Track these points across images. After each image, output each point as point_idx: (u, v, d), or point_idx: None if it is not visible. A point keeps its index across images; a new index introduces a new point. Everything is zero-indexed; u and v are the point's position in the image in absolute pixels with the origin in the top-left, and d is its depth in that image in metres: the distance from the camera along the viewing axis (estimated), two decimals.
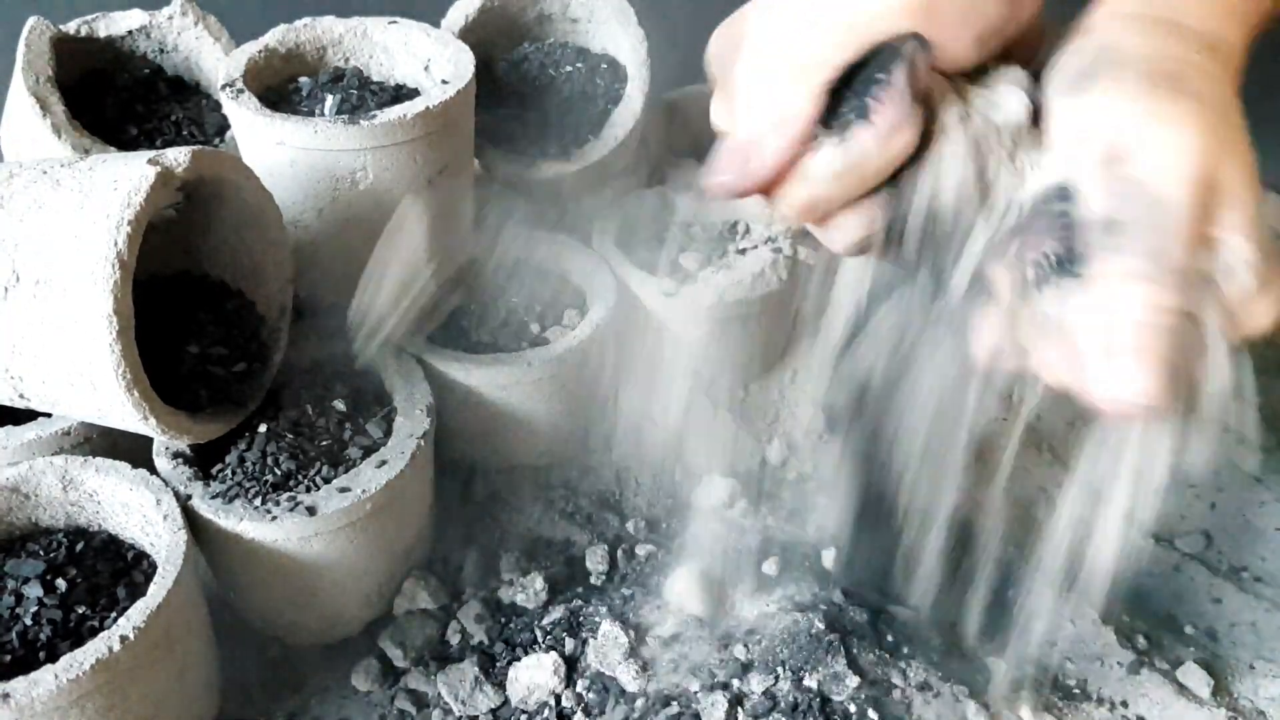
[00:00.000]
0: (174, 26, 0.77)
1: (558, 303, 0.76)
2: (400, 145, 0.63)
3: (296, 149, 0.62)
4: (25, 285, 0.50)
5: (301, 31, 0.70)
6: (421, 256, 0.66)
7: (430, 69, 0.70)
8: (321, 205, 0.65)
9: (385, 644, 0.64)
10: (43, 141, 0.68)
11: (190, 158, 0.53)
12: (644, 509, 0.74)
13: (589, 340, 0.71)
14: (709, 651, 0.59)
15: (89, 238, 0.49)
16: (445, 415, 0.69)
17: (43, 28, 0.71)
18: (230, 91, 0.64)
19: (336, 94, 0.67)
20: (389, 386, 0.67)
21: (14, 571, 0.55)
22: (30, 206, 0.51)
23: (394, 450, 0.61)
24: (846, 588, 0.62)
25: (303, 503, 0.58)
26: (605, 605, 0.63)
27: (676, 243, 0.81)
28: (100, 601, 0.55)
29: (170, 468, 0.59)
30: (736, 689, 0.57)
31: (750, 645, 0.59)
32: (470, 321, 0.74)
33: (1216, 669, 0.61)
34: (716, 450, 0.76)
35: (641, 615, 0.63)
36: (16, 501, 0.58)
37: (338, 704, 0.62)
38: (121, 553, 0.58)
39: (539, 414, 0.72)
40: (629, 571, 0.68)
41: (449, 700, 0.60)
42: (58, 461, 0.58)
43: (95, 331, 0.49)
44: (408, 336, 0.70)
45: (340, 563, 0.61)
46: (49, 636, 0.52)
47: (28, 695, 0.46)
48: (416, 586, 0.66)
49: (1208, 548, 0.70)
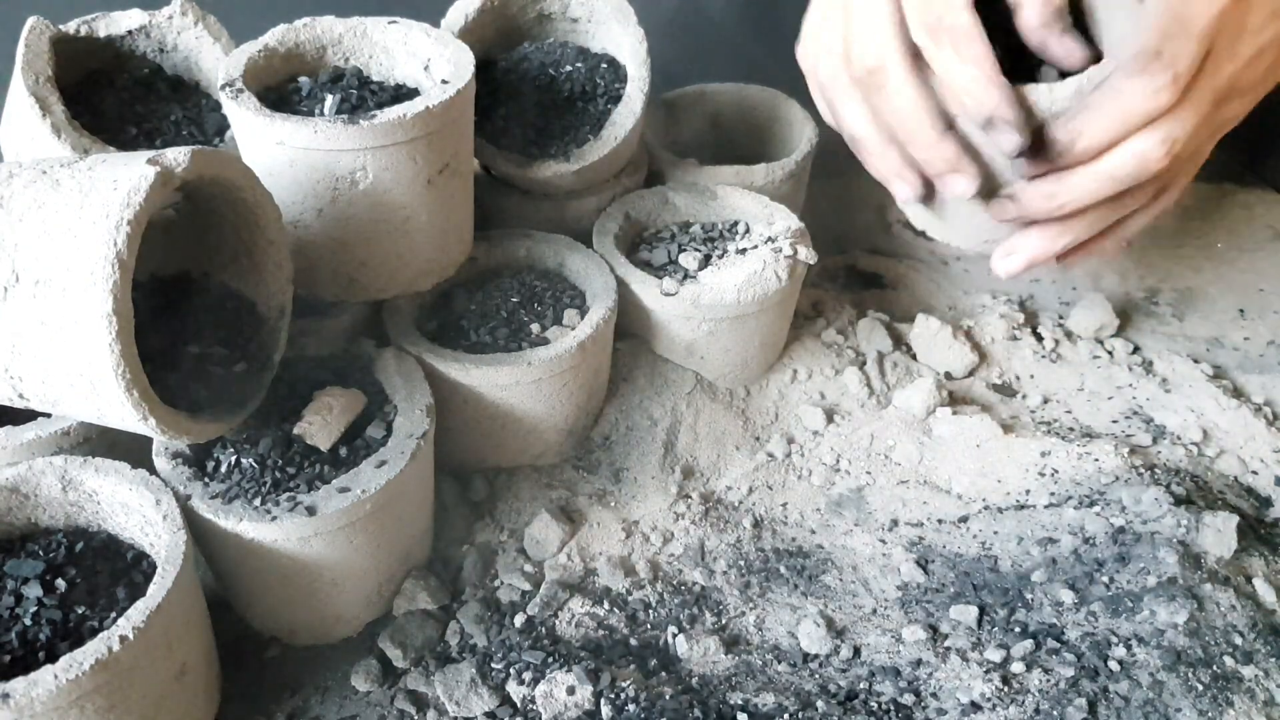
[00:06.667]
0: (174, 26, 0.77)
1: (558, 303, 0.76)
2: (400, 145, 0.63)
3: (296, 149, 0.62)
4: (25, 285, 0.50)
5: (301, 31, 0.70)
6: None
7: (430, 69, 0.70)
8: (321, 205, 0.65)
9: (385, 644, 0.64)
10: (42, 141, 0.68)
11: (190, 158, 0.53)
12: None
13: (589, 340, 0.71)
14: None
15: (89, 238, 0.49)
16: (445, 415, 0.69)
17: (42, 28, 0.71)
18: (230, 91, 0.64)
19: (336, 94, 0.67)
20: (389, 386, 0.67)
21: (14, 571, 0.55)
22: (30, 206, 0.51)
23: (394, 450, 0.61)
24: None
25: (302, 503, 0.58)
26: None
27: (677, 242, 0.81)
28: (100, 601, 0.55)
29: (170, 468, 0.59)
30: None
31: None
32: (470, 321, 0.74)
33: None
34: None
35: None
36: (16, 501, 0.58)
37: (338, 704, 0.62)
38: (121, 553, 0.58)
39: (539, 414, 0.72)
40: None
41: (445, 701, 0.60)
42: (57, 461, 0.58)
43: (95, 331, 0.49)
44: (408, 336, 0.70)
45: (340, 563, 0.61)
46: (49, 636, 0.52)
47: (27, 695, 0.46)
48: (416, 586, 0.66)
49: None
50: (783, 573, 0.69)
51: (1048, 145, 0.57)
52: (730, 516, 0.73)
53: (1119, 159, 0.56)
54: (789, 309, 0.82)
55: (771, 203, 0.83)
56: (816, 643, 0.63)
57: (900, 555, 0.70)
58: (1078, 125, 0.56)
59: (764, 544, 0.71)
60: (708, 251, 0.80)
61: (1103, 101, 0.55)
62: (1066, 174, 0.58)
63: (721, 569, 0.69)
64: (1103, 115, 0.55)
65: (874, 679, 0.61)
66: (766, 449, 0.78)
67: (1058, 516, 0.70)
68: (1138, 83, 0.53)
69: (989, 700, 0.58)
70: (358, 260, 0.68)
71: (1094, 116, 0.55)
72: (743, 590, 0.68)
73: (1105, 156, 0.56)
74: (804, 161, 0.90)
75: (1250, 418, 0.79)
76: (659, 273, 0.78)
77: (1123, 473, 0.72)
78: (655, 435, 0.77)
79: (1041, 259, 0.63)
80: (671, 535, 0.71)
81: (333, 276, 0.69)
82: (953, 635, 0.63)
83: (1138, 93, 0.54)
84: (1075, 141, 0.56)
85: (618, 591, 0.67)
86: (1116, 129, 0.55)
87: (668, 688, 0.59)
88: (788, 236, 0.78)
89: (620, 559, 0.69)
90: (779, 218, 0.82)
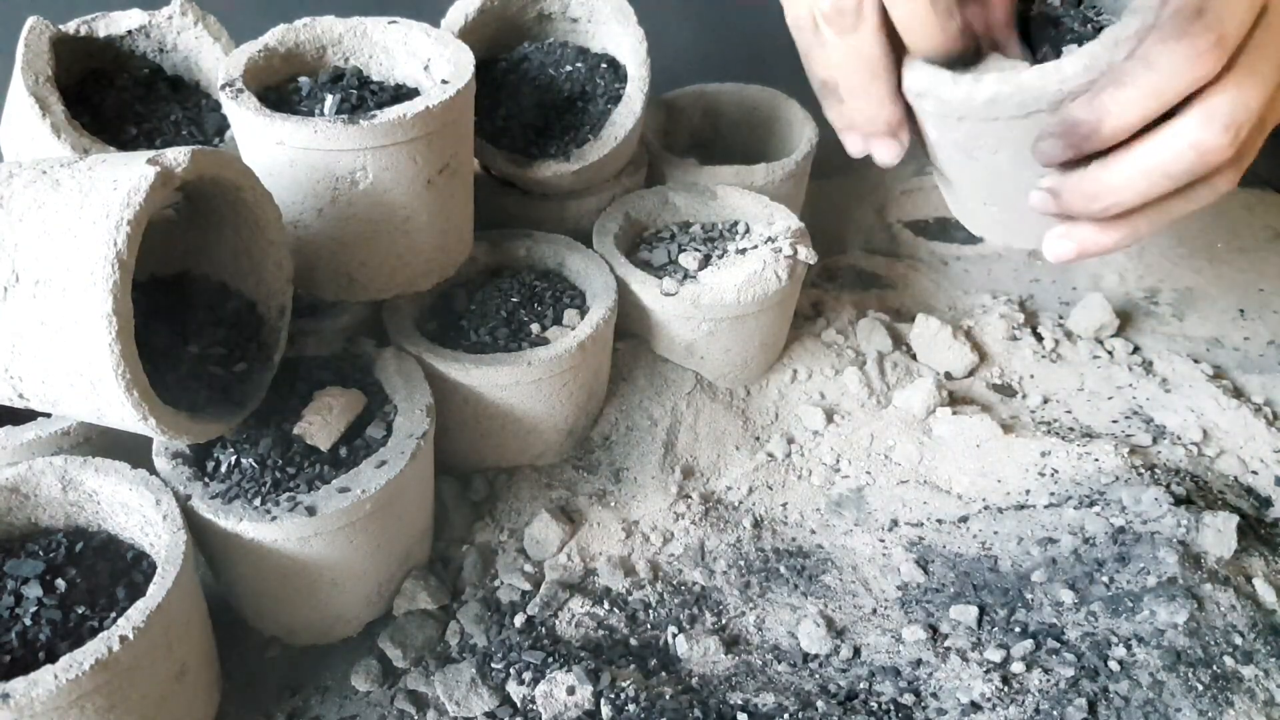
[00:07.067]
0: (174, 26, 0.77)
1: (558, 303, 0.76)
2: (400, 145, 0.63)
3: (296, 149, 0.62)
4: (25, 285, 0.50)
5: (301, 31, 0.70)
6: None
7: (430, 69, 0.70)
8: (321, 205, 0.65)
9: (385, 644, 0.64)
10: (42, 141, 0.68)
11: (190, 157, 0.53)
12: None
13: (589, 340, 0.71)
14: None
15: (89, 238, 0.49)
16: (445, 415, 0.69)
17: (42, 27, 0.71)
18: (230, 91, 0.64)
19: (336, 94, 0.67)
20: (389, 386, 0.67)
21: (14, 571, 0.55)
22: (30, 206, 0.51)
23: (394, 450, 0.61)
24: None
25: (302, 503, 0.58)
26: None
27: (677, 242, 0.81)
28: (100, 601, 0.55)
29: (170, 468, 0.59)
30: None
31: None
32: (470, 321, 0.74)
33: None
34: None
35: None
36: (16, 501, 0.58)
37: (338, 704, 0.62)
38: (121, 553, 0.58)
39: (539, 414, 0.72)
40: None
41: (445, 701, 0.60)
42: (57, 461, 0.58)
43: (95, 331, 0.49)
44: (408, 336, 0.70)
45: (340, 563, 0.61)
46: (49, 637, 0.52)
47: (27, 695, 0.46)
48: (416, 586, 0.66)
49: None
50: (783, 573, 0.69)
51: (1069, 128, 0.49)
52: (730, 516, 0.73)
53: (1172, 151, 0.47)
54: (789, 309, 0.82)
55: (771, 203, 0.83)
56: (816, 643, 0.63)
57: (900, 555, 0.70)
58: (1104, 103, 0.47)
59: (764, 544, 0.71)
60: (708, 251, 0.80)
61: (1133, 73, 0.46)
62: (1108, 170, 0.49)
63: (721, 569, 0.69)
64: (1133, 89, 0.46)
65: (874, 679, 0.61)
66: (766, 449, 0.78)
67: (1058, 516, 0.70)
68: (1176, 48, 0.45)
69: (989, 700, 0.58)
70: (358, 260, 0.68)
71: (1123, 92, 0.47)
72: (743, 590, 0.68)
73: (1154, 147, 0.48)
74: (804, 161, 0.90)
75: (1250, 418, 0.79)
76: (659, 273, 0.78)
77: (1123, 473, 0.72)
78: (655, 435, 0.77)
79: (1097, 253, 0.54)
80: (671, 535, 0.71)
81: (333, 276, 0.69)
82: (953, 635, 0.63)
83: (1176, 60, 0.45)
84: (1102, 122, 0.48)
85: (618, 591, 0.67)
86: (1151, 105, 0.46)
87: (668, 688, 0.59)
88: (788, 236, 0.78)
89: (620, 559, 0.69)
90: (779, 218, 0.82)
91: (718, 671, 0.62)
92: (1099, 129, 0.48)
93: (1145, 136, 0.48)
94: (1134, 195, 0.50)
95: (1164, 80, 0.46)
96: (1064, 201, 0.52)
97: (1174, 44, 0.45)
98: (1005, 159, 0.55)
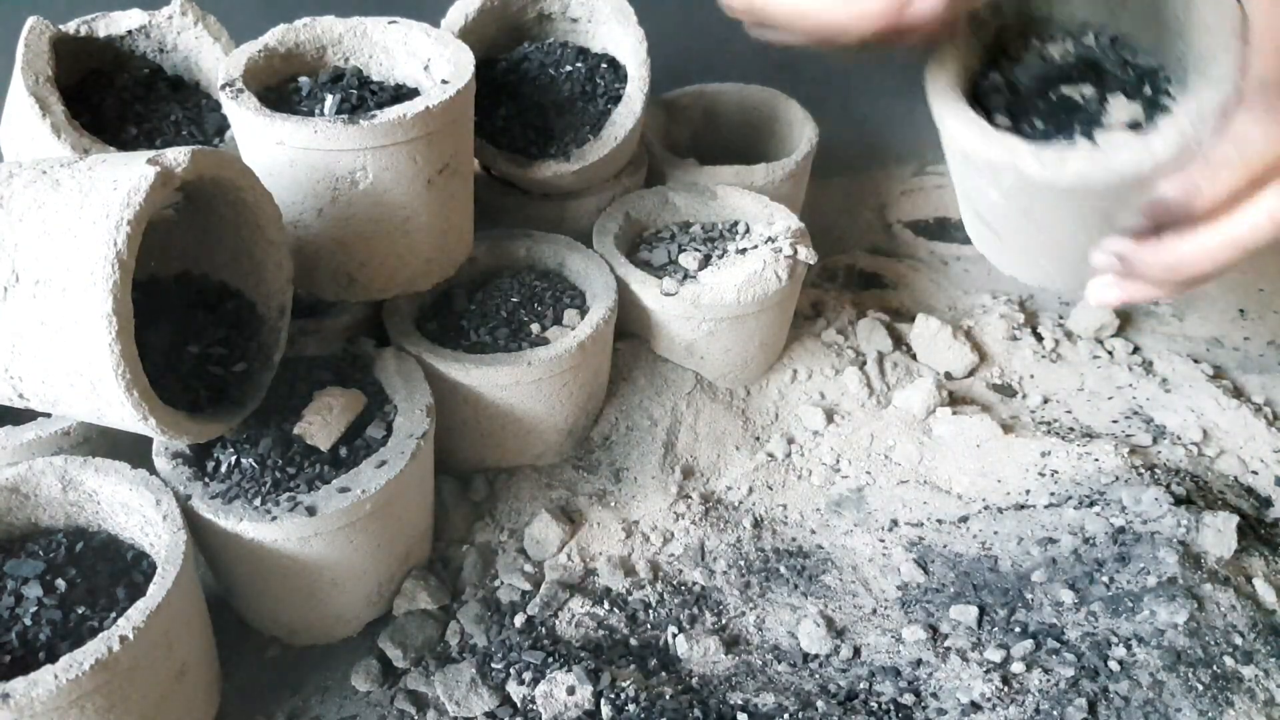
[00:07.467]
0: (174, 26, 0.77)
1: (558, 303, 0.76)
2: (400, 145, 0.63)
3: (296, 149, 0.62)
4: (25, 285, 0.50)
5: (301, 31, 0.70)
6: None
7: (430, 69, 0.70)
8: (321, 205, 0.65)
9: (385, 644, 0.64)
10: (42, 141, 0.68)
11: (190, 158, 0.53)
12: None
13: (589, 340, 0.71)
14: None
15: (89, 238, 0.49)
16: (445, 415, 0.69)
17: (42, 28, 0.71)
18: (230, 91, 0.64)
19: (336, 94, 0.67)
20: (389, 386, 0.67)
21: (14, 571, 0.55)
22: (30, 206, 0.51)
23: (394, 450, 0.61)
24: None
25: (303, 503, 0.58)
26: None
27: (677, 243, 0.81)
28: (100, 602, 0.55)
29: (170, 468, 0.59)
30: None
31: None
32: (470, 321, 0.74)
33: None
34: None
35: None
36: (16, 501, 0.58)
37: (338, 704, 0.62)
38: (121, 553, 0.58)
39: (539, 414, 0.72)
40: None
41: (445, 701, 0.60)
42: (57, 461, 0.58)
43: (95, 331, 0.49)
44: (408, 336, 0.70)
45: (340, 563, 0.61)
46: (49, 637, 0.52)
47: (27, 695, 0.46)
48: (416, 586, 0.66)
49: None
50: (783, 573, 0.69)
51: (1160, 208, 0.48)
52: (730, 516, 0.73)
53: (1251, 225, 0.46)
54: (789, 309, 0.82)
55: (771, 203, 0.83)
56: (816, 643, 0.63)
57: (900, 555, 0.70)
58: (1196, 184, 0.46)
59: (764, 544, 0.71)
60: (708, 251, 0.80)
61: (1226, 154, 0.46)
62: (1187, 243, 0.48)
63: (721, 569, 0.69)
64: (1227, 171, 0.46)
65: (874, 679, 0.61)
66: (766, 449, 0.78)
67: (1058, 516, 0.70)
68: (1270, 128, 0.45)
69: (989, 700, 0.58)
70: (358, 260, 0.68)
71: (1217, 173, 0.46)
72: (743, 590, 0.68)
73: (1238, 223, 0.47)
74: (804, 161, 0.90)
75: (1250, 418, 0.79)
76: (659, 273, 0.78)
77: (1123, 473, 0.72)
78: (655, 435, 0.77)
79: (1143, 302, 0.54)
80: (671, 535, 0.71)
81: (333, 276, 0.69)
82: (953, 635, 0.63)
83: (1271, 138, 0.45)
84: (1194, 202, 0.47)
85: (618, 591, 0.67)
86: (1243, 184, 0.46)
87: (668, 688, 0.59)
88: (788, 236, 0.78)
89: (620, 559, 0.69)
90: (779, 218, 0.82)
91: (718, 671, 0.62)
92: (1190, 208, 0.47)
93: (1228, 210, 0.48)
94: (1213, 268, 0.49)
95: (1258, 159, 0.46)
96: (1135, 269, 0.51)
97: (1267, 122, 0.45)
98: (1066, 220, 0.54)
